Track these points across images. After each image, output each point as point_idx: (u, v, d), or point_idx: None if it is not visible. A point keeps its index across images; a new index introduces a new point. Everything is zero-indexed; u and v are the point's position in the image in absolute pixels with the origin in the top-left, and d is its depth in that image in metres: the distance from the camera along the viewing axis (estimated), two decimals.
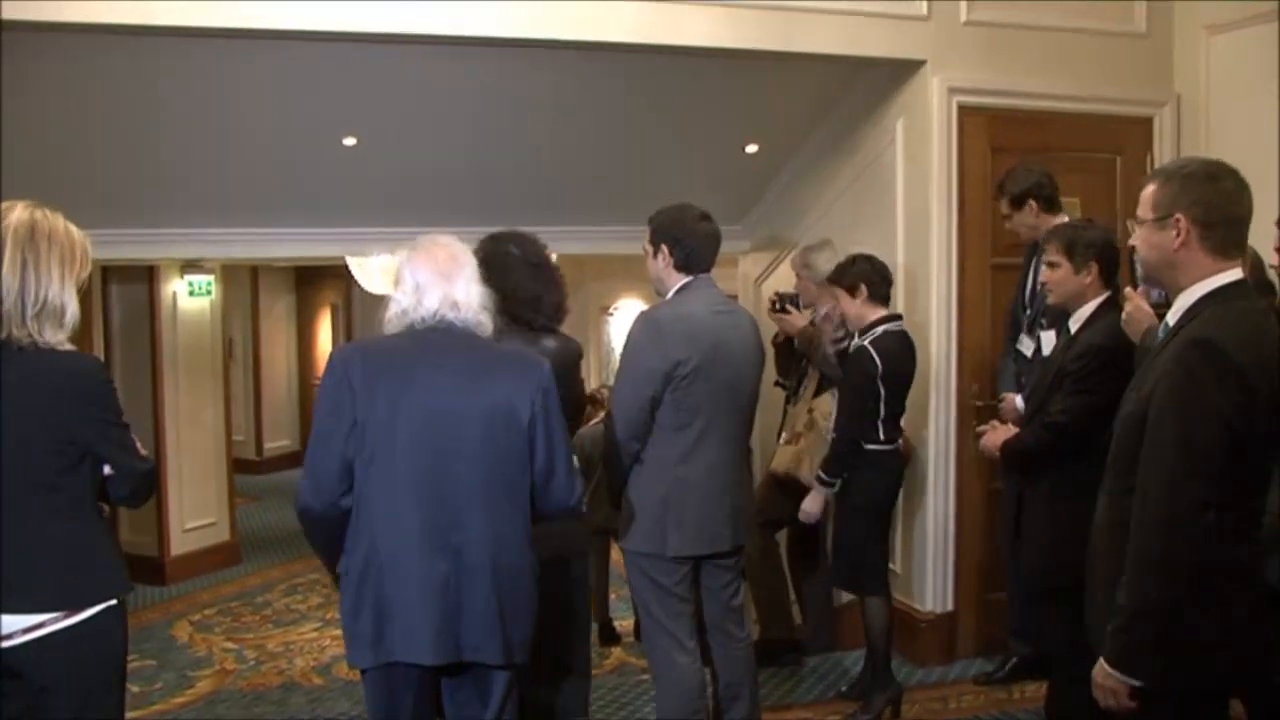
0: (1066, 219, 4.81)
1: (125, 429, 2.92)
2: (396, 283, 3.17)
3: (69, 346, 2.84)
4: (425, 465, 3.02)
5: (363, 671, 3.12)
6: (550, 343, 3.77)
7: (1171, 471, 2.52)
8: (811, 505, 4.96)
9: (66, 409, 2.77)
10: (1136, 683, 2.57)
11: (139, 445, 2.98)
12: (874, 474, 4.87)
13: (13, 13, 4.19)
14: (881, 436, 4.84)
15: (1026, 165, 5.08)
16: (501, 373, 3.12)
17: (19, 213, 2.79)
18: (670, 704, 4.16)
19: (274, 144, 5.72)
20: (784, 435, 5.63)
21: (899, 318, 4.94)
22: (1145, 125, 5.83)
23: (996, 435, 4.29)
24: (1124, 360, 3.63)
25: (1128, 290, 3.81)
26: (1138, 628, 2.56)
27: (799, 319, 5.53)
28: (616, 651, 6.76)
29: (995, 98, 5.56)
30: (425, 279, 3.09)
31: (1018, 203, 4.97)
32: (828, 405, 5.23)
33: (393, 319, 3.13)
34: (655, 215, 4.18)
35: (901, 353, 4.86)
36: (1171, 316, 2.75)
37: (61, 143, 5.34)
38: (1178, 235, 2.64)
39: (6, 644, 2.73)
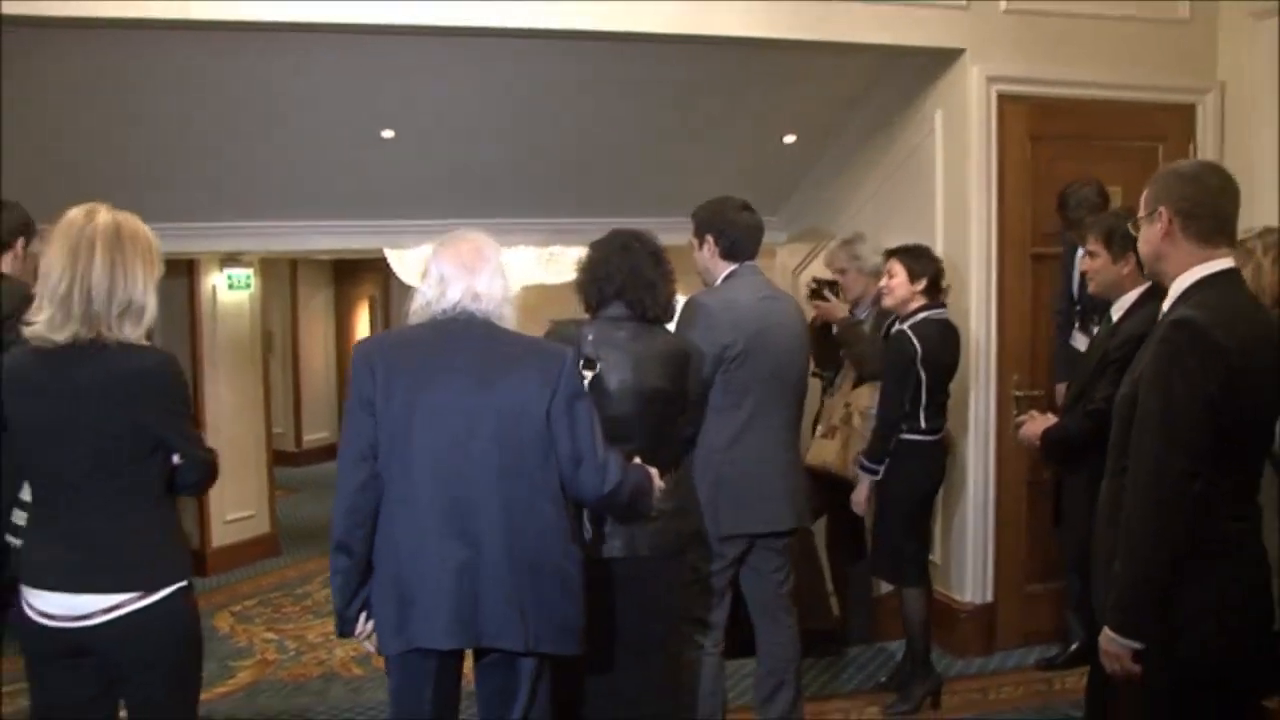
0: None
1: (193, 421, 3.11)
2: (423, 275, 3.23)
3: (145, 343, 2.95)
4: (442, 455, 3.06)
5: (388, 659, 3.17)
6: (659, 343, 3.76)
7: (1157, 444, 2.68)
8: (859, 494, 4.95)
9: (143, 402, 2.89)
10: (1137, 645, 2.71)
11: (203, 437, 3.14)
12: (915, 464, 4.86)
13: (47, 8, 4.25)
14: (924, 425, 4.83)
15: (1082, 182, 5.12)
16: (520, 362, 3.14)
17: (104, 216, 2.89)
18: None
19: (312, 137, 5.74)
20: (820, 428, 5.60)
21: (942, 306, 4.93)
22: (1188, 113, 5.77)
23: (1036, 425, 4.27)
24: None
25: None
26: (1131, 593, 2.72)
27: (839, 307, 5.50)
28: None
29: (1035, 86, 5.52)
30: (449, 271, 3.15)
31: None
32: (865, 399, 5.20)
33: (417, 310, 3.19)
34: (698, 209, 4.30)
35: (942, 338, 4.86)
36: (1165, 304, 2.87)
37: (101, 138, 5.38)
38: (1162, 227, 2.79)
39: (87, 623, 2.85)
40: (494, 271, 3.18)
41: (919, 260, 4.90)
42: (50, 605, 2.88)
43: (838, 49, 5.40)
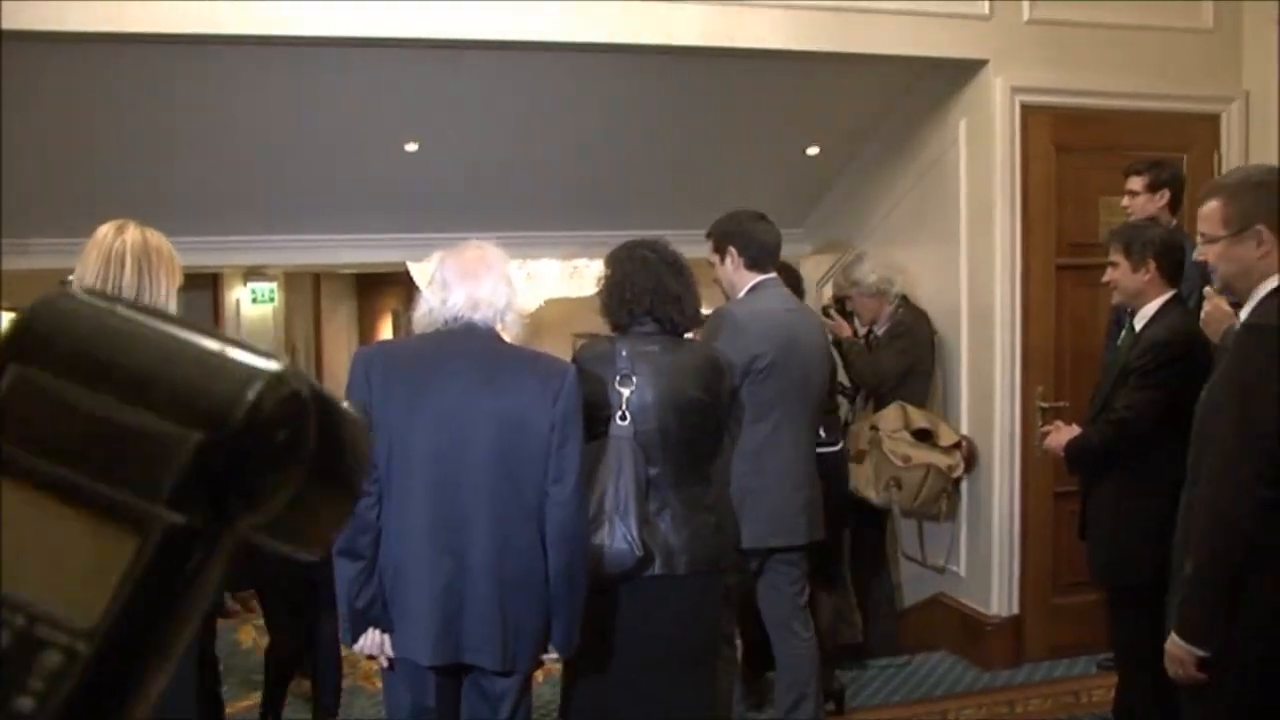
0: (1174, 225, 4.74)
1: None
2: (429, 282, 3.24)
3: None
4: (436, 468, 3.05)
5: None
6: (692, 354, 3.69)
7: (1229, 449, 2.66)
8: None
9: None
10: (1201, 652, 2.67)
11: None
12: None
13: (85, 23, 4.28)
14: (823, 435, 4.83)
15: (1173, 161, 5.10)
16: (521, 377, 3.12)
17: (132, 231, 3.14)
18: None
19: (336, 150, 5.76)
20: (849, 451, 5.56)
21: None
22: (1213, 122, 5.75)
23: (1060, 435, 4.26)
24: (1189, 357, 3.72)
25: (1207, 290, 3.83)
26: (1197, 597, 2.69)
27: (842, 326, 5.56)
28: None
29: (1059, 96, 5.51)
30: (452, 278, 3.15)
31: (1155, 187, 4.89)
32: (892, 421, 5.19)
33: (420, 318, 3.21)
34: (714, 225, 4.31)
35: None
36: (1245, 312, 2.86)
37: (127, 152, 5.41)
38: (1260, 244, 2.73)
39: None
40: (498, 280, 3.16)
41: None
42: None
43: (861, 60, 5.39)
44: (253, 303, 8.93)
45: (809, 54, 5.20)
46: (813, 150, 6.49)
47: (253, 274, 8.75)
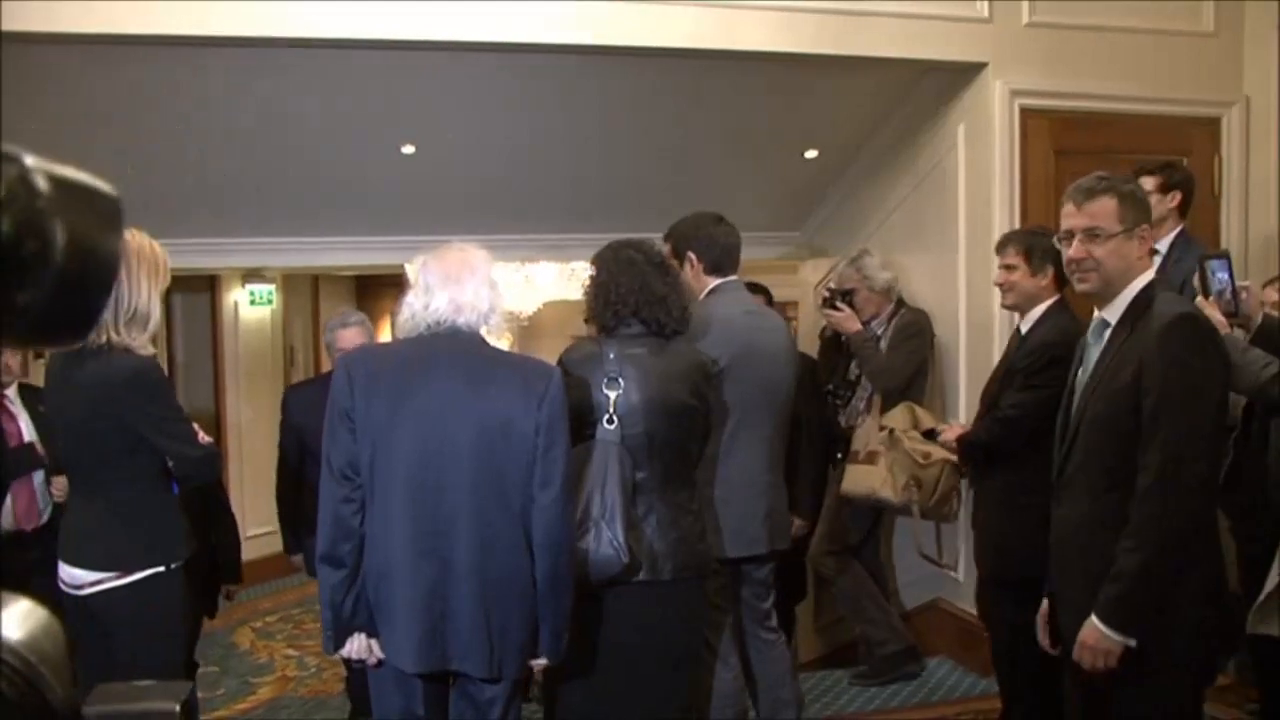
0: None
1: (178, 420, 3.35)
2: (412, 286, 3.23)
3: (150, 349, 3.29)
4: (419, 472, 3.03)
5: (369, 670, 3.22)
6: (679, 357, 3.62)
7: (1190, 441, 2.72)
8: None
9: (124, 404, 3.21)
10: (1132, 642, 2.77)
11: (199, 433, 3.42)
12: None
13: (80, 24, 4.29)
14: None
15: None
16: (505, 381, 3.10)
17: None
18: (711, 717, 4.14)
19: (333, 153, 5.75)
20: (857, 453, 5.48)
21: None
22: (1213, 126, 5.73)
23: (952, 432, 4.50)
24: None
25: (1200, 300, 3.82)
26: (1140, 590, 2.76)
27: (850, 318, 5.42)
28: None
29: (1058, 100, 5.48)
30: (434, 281, 3.14)
31: (1168, 188, 4.84)
32: (901, 420, 5.12)
33: (404, 322, 3.18)
34: (672, 228, 4.25)
35: None
36: (1112, 315, 2.97)
37: (124, 154, 5.39)
38: (1143, 243, 2.94)
39: (80, 592, 3.26)
40: (480, 283, 3.14)
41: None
42: (62, 573, 3.33)
43: (860, 63, 5.38)
44: (251, 305, 8.89)
45: (807, 57, 5.18)
46: (811, 154, 6.48)
47: (251, 276, 8.72)
